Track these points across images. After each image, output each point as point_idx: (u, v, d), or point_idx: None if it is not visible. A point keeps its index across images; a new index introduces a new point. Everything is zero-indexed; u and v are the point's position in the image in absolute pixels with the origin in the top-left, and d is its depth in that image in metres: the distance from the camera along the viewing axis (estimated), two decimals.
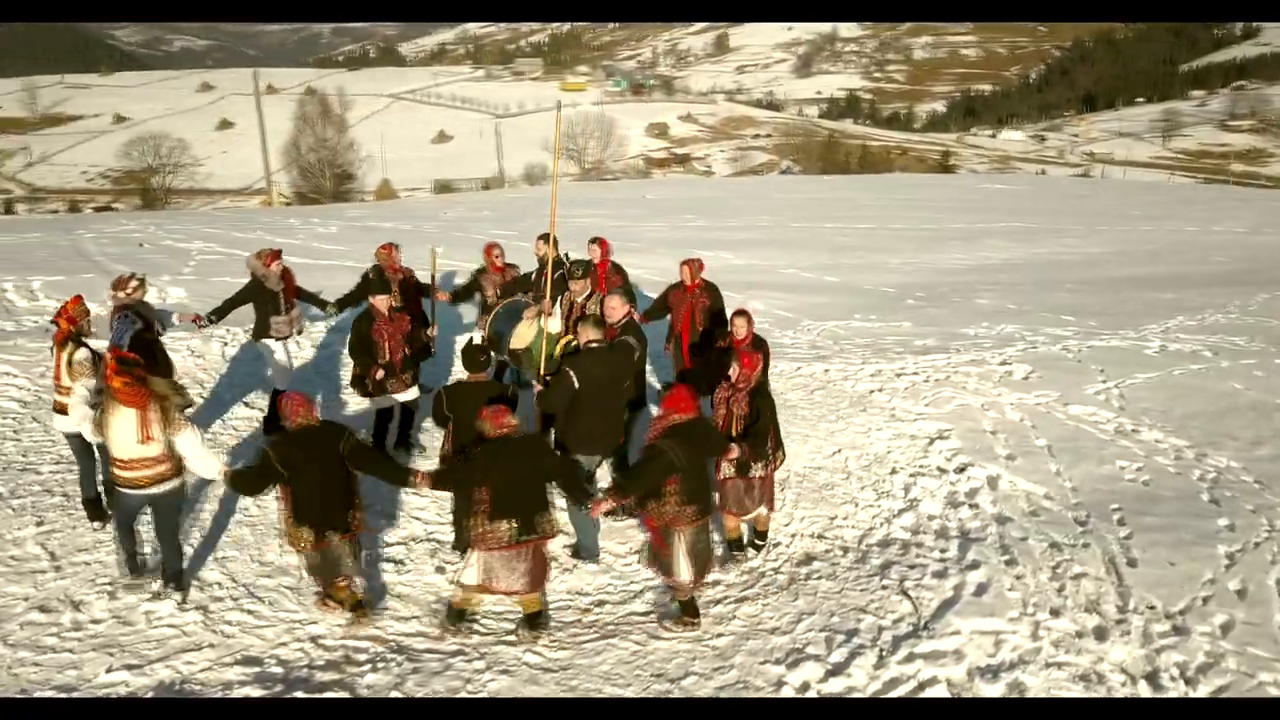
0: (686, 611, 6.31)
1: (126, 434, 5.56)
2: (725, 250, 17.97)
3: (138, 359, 5.75)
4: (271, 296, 8.37)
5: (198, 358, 10.37)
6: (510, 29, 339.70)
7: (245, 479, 5.76)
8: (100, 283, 12.91)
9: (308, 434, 5.72)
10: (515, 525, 5.70)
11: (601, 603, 6.59)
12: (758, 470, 6.79)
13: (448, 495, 6.77)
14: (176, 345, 9.81)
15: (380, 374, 7.80)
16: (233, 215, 22.52)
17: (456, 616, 6.01)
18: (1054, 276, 17.22)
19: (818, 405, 9.74)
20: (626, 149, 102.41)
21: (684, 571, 6.11)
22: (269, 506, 6.76)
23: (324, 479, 5.71)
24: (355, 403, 9.13)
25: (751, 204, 27.56)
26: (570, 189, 40.98)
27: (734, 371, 6.82)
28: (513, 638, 6.00)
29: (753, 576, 6.93)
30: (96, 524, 6.68)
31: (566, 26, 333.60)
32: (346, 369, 9.59)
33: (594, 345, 6.81)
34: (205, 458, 5.81)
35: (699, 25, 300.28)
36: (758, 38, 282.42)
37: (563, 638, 6.08)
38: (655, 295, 10.24)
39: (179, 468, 5.79)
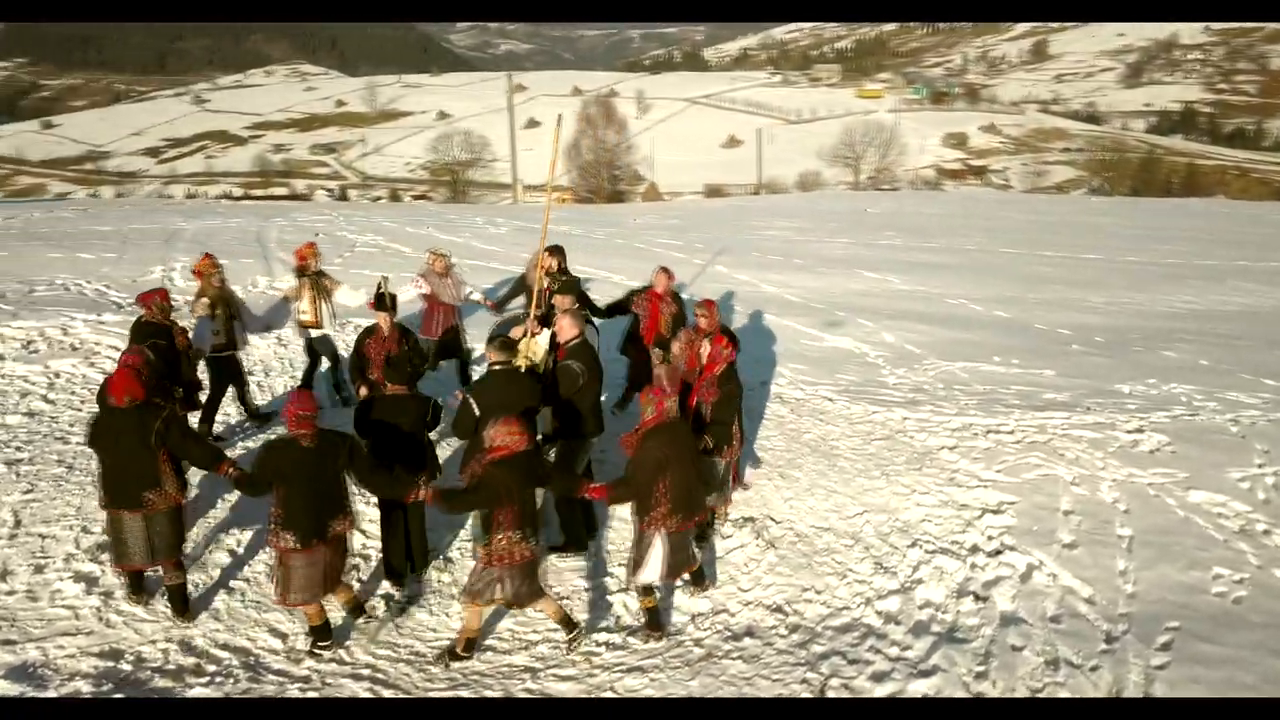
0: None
1: None
2: (896, 272, 16.60)
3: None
4: None
5: None
6: (814, 34, 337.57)
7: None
8: (257, 267, 14.01)
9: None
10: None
11: (486, 649, 6.16)
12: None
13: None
14: None
15: (363, 390, 7.77)
16: (413, 211, 23.72)
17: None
18: None
19: (867, 458, 8.67)
20: (908, 158, 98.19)
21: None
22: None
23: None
24: None
25: (977, 223, 25.32)
26: (796, 199, 39.89)
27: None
28: (366, 671, 5.74)
29: (669, 643, 6.23)
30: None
31: (874, 32, 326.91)
32: None
33: (497, 368, 6.44)
34: None
35: (1017, 30, 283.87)
36: (1081, 44, 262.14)
37: (415, 680, 5.74)
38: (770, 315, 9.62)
39: None
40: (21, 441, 8.17)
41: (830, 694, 5.58)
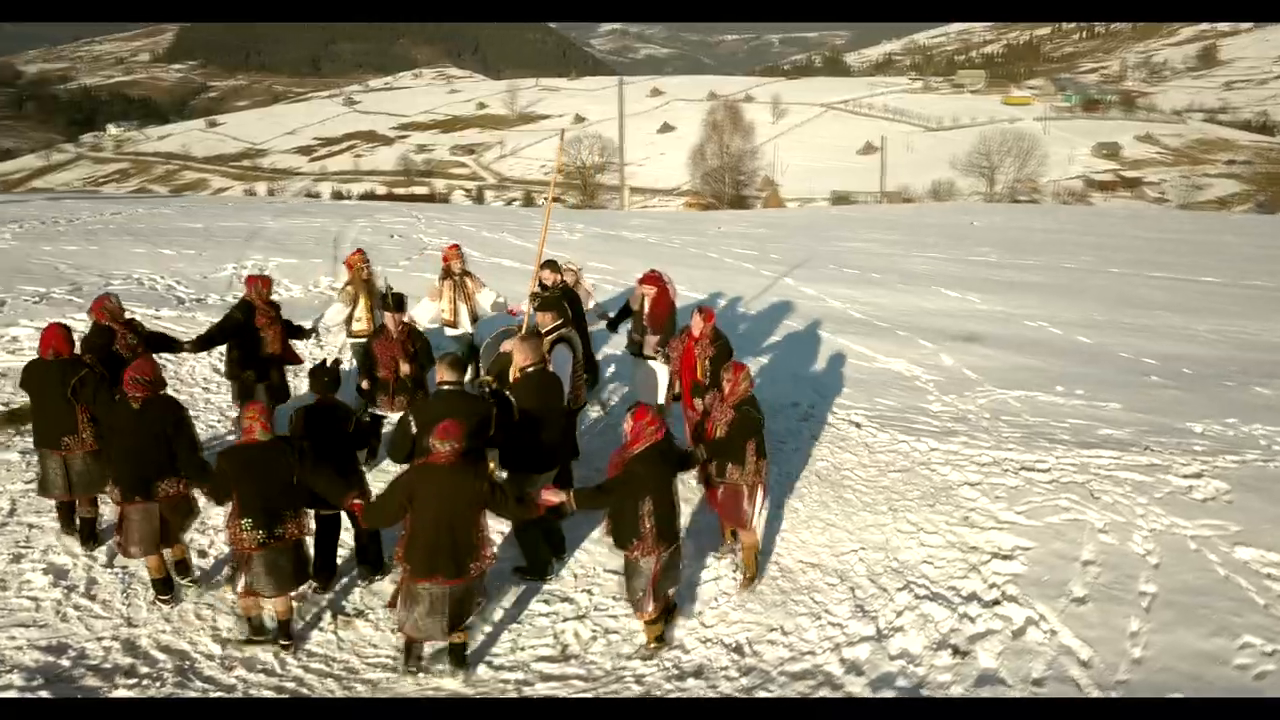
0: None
1: None
2: (979, 291, 15.73)
3: None
4: None
5: None
6: (961, 39, 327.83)
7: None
8: (324, 267, 14.36)
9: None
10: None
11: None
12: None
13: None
14: None
15: (365, 384, 7.81)
16: (494, 215, 23.86)
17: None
18: None
19: (878, 490, 8.17)
20: (1052, 168, 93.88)
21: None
22: None
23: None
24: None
25: (1090, 240, 23.80)
26: (906, 209, 38.58)
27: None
28: (291, 684, 5.69)
29: (609, 677, 5.96)
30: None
31: (1025, 36, 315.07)
32: None
33: (446, 388, 6.23)
34: None
35: (1182, 34, 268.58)
36: (1255, 48, 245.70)
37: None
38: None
39: None
40: None
41: None
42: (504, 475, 6.62)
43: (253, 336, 8.20)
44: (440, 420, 5.66)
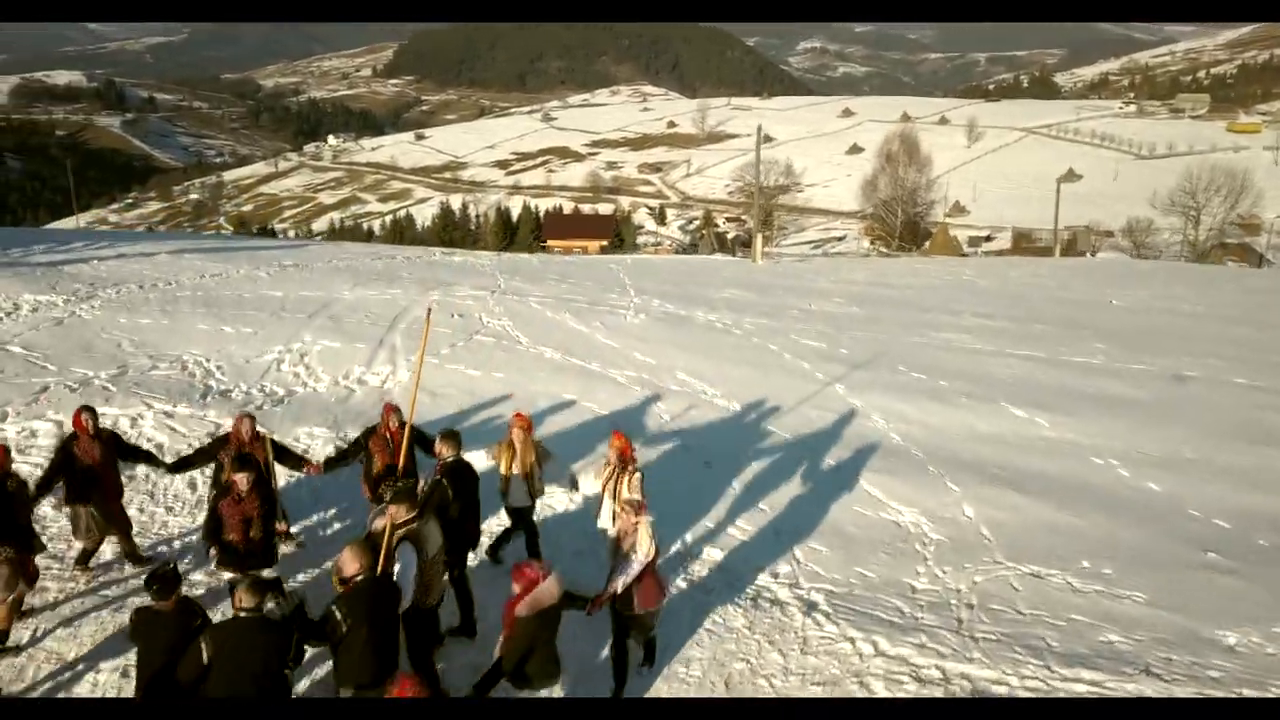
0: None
1: None
2: (1054, 411, 13.96)
3: None
4: None
5: None
6: (1189, 58, 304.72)
7: None
8: (366, 352, 14.48)
9: None
10: None
11: None
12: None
13: None
14: None
15: (213, 552, 7.55)
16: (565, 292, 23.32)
17: None
18: None
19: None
20: (1265, 206, 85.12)
21: None
22: None
23: None
24: None
25: (1240, 335, 20.98)
26: (1039, 275, 35.68)
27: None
28: None
29: None
30: None
31: (1263, 55, 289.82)
32: None
33: (242, 614, 5.81)
34: None
35: None
36: None
37: None
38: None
39: None
40: None
41: None
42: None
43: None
44: (232, 652, 5.45)
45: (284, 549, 8.67)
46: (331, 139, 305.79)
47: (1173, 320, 22.21)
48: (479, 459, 9.31)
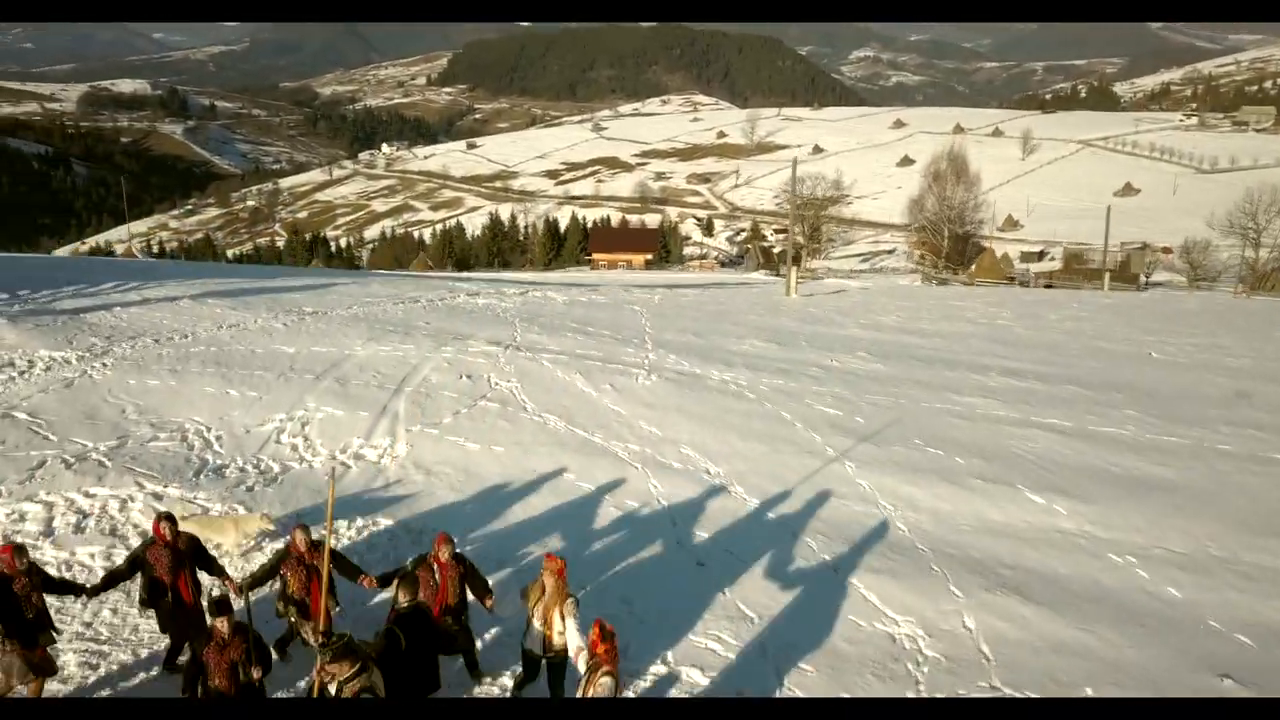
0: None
1: None
2: (1074, 497, 13.17)
3: None
4: None
5: None
6: (1255, 67, 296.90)
7: None
8: (367, 421, 14.33)
9: None
10: None
11: None
12: None
13: None
14: None
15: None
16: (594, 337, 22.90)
17: None
18: None
19: None
20: None
21: None
22: None
23: None
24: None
25: None
26: (1081, 317, 34.65)
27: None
28: None
29: None
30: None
31: None
32: None
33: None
34: None
35: None
36: None
37: None
38: None
39: None
40: None
41: None
42: None
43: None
44: None
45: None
46: (385, 147, 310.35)
47: (1214, 380, 21.27)
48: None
